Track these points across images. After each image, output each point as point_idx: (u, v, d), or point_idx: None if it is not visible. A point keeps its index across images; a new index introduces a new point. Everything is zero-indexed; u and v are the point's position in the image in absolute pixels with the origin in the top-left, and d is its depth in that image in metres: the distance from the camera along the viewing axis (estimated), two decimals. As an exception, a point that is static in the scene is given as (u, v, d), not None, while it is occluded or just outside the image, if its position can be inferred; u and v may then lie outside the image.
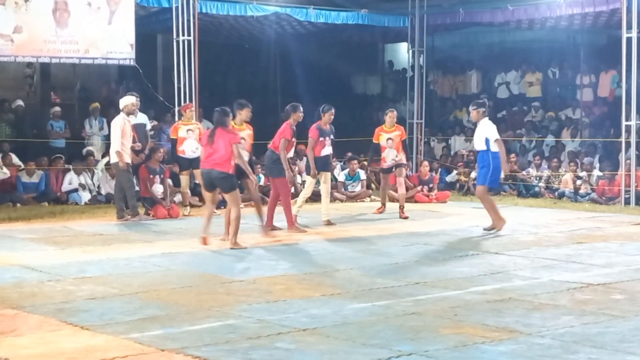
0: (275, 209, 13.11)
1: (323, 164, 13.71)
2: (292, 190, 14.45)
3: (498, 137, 13.04)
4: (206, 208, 11.83)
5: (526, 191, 19.04)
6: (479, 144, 13.17)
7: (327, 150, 13.71)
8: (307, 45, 22.54)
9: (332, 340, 6.69)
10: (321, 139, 13.56)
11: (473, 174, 19.50)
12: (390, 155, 15.20)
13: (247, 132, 12.75)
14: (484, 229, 13.05)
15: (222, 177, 11.14)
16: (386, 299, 8.20)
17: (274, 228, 12.88)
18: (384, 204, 15.70)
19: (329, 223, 13.85)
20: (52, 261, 10.31)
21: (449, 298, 8.29)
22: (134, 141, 14.65)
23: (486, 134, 12.98)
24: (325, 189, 14.05)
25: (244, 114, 12.60)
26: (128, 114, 14.51)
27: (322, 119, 13.69)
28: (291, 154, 13.53)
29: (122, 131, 14.25)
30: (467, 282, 9.12)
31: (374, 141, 15.49)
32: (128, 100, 14.59)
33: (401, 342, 6.59)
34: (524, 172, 19.61)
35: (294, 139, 13.09)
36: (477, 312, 7.65)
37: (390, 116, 15.37)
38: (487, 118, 13.38)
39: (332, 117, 13.70)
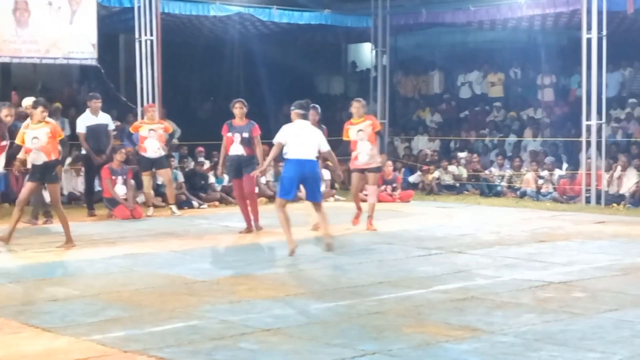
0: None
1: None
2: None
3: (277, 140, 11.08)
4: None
5: (489, 190, 19.18)
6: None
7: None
8: (271, 45, 22.53)
9: (296, 340, 6.68)
10: (229, 134, 13.06)
11: (436, 174, 19.62)
12: (364, 150, 13.08)
13: (40, 132, 11.45)
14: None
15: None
16: (350, 298, 8.21)
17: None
18: (360, 208, 13.56)
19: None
20: (12, 263, 10.23)
21: (412, 297, 8.32)
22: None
23: None
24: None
25: (39, 113, 11.53)
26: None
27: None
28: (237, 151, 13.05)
29: None
30: (430, 281, 9.15)
31: (344, 139, 13.40)
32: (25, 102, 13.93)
33: (365, 342, 6.61)
34: (486, 172, 19.74)
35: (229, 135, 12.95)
36: (440, 311, 7.68)
37: (356, 106, 13.25)
38: (302, 121, 11.14)
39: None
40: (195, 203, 16.78)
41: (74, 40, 16.48)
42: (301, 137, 10.82)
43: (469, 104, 23.42)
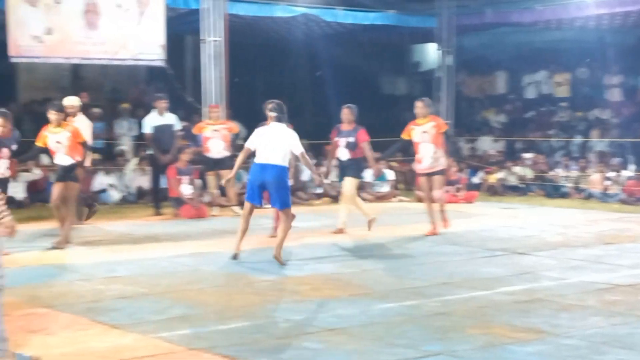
0: None
1: None
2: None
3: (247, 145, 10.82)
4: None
5: (554, 191, 18.97)
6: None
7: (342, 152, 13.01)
8: (335, 46, 22.57)
9: (359, 340, 6.71)
10: (336, 138, 13.08)
11: (501, 174, 19.47)
12: (428, 153, 12.56)
13: (62, 136, 11.48)
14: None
15: None
16: (413, 299, 8.21)
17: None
18: (434, 223, 12.92)
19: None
20: (81, 261, 10.42)
21: (476, 298, 8.29)
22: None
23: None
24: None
25: (55, 117, 11.51)
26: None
27: None
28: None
29: None
30: (495, 282, 9.11)
31: (403, 137, 12.91)
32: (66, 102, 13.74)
33: (429, 342, 6.61)
34: (552, 173, 19.53)
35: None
36: (505, 313, 7.64)
37: (419, 106, 12.68)
38: (278, 124, 10.72)
39: (349, 116, 12.98)
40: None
41: (142, 42, 16.72)
42: (268, 141, 10.43)
43: (535, 104, 23.21)
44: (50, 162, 16.37)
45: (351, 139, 12.90)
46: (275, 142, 10.40)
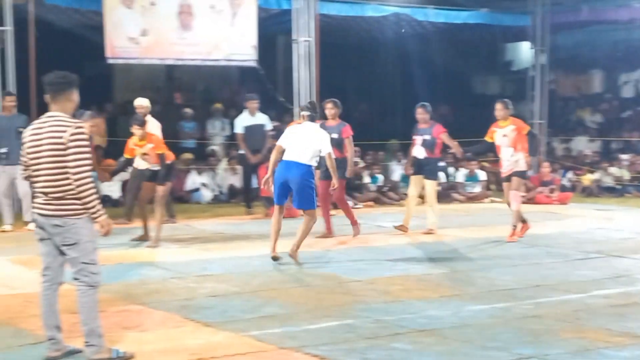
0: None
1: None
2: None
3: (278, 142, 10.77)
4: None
5: (652, 193, 18.53)
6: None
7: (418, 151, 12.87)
8: (426, 45, 22.43)
9: (450, 341, 6.66)
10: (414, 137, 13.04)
11: (596, 175, 19.10)
12: (506, 156, 12.27)
13: (148, 147, 11.64)
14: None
15: None
16: (506, 301, 8.12)
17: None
18: (523, 221, 12.51)
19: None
20: (175, 259, 10.58)
21: (570, 301, 8.16)
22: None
23: None
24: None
25: (140, 131, 11.62)
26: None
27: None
28: None
29: None
30: (590, 285, 8.94)
31: (486, 139, 12.55)
32: (135, 103, 14.29)
33: (521, 345, 6.52)
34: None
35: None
36: (600, 316, 7.50)
37: (498, 108, 12.43)
38: (311, 123, 10.68)
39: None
40: (350, 202, 16.88)
41: (235, 42, 16.89)
42: (297, 139, 10.36)
43: (632, 104, 22.69)
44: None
45: (427, 137, 12.88)
46: (304, 141, 10.33)
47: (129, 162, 11.99)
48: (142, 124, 11.74)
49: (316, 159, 10.42)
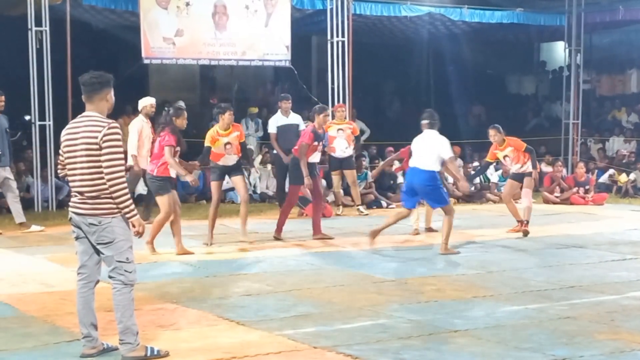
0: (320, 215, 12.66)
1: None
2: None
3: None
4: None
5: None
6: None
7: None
8: (461, 45, 22.38)
9: (484, 342, 6.65)
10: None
11: (632, 176, 18.94)
12: (514, 169, 13.11)
13: (234, 135, 11.65)
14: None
15: (148, 178, 10.85)
16: (540, 302, 8.08)
17: (324, 236, 12.37)
18: (520, 221, 13.15)
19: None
20: (209, 258, 10.64)
21: (605, 303, 8.10)
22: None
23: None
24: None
25: (227, 118, 11.58)
26: (147, 115, 14.01)
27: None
28: (317, 158, 12.85)
29: (139, 134, 13.76)
30: (625, 286, 8.88)
31: (487, 160, 13.46)
32: (147, 102, 14.16)
33: (555, 347, 6.49)
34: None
35: (315, 143, 12.31)
36: (635, 318, 7.44)
37: (492, 134, 12.93)
38: (430, 131, 11.39)
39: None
40: (383, 203, 16.89)
41: (269, 43, 16.95)
42: (419, 147, 11.19)
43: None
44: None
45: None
46: (425, 148, 11.12)
47: (210, 151, 11.66)
48: (229, 110, 11.69)
49: (440, 164, 11.13)
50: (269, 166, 17.53)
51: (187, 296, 8.31)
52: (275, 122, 15.50)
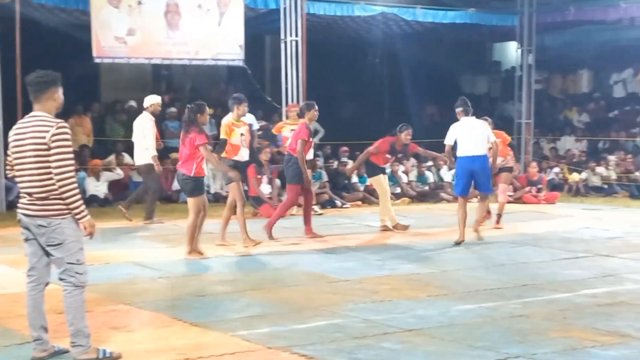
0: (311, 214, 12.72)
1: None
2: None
3: (448, 143, 11.93)
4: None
5: (638, 192, 18.56)
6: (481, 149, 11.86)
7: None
8: (414, 44, 22.45)
9: (438, 341, 6.66)
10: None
11: (583, 175, 19.14)
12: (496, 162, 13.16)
13: (246, 127, 11.93)
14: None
15: (183, 179, 10.56)
16: (493, 300, 8.12)
17: (315, 235, 12.41)
18: (488, 212, 13.58)
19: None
20: (163, 258, 10.55)
21: (558, 301, 8.17)
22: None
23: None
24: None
25: (242, 109, 11.71)
26: (153, 113, 14.04)
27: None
28: (310, 155, 12.88)
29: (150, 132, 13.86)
30: (577, 284, 8.95)
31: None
32: (154, 100, 14.16)
33: (509, 345, 6.52)
34: (636, 173, 19.12)
35: (311, 139, 12.55)
36: (587, 316, 7.51)
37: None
38: (469, 117, 12.09)
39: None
40: (338, 202, 16.90)
41: (222, 42, 16.88)
42: (468, 134, 11.68)
43: (620, 104, 22.77)
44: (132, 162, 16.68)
45: None
46: (477, 134, 11.72)
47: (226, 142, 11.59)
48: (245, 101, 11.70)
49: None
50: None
51: (140, 297, 8.22)
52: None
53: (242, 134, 11.57)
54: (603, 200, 18.20)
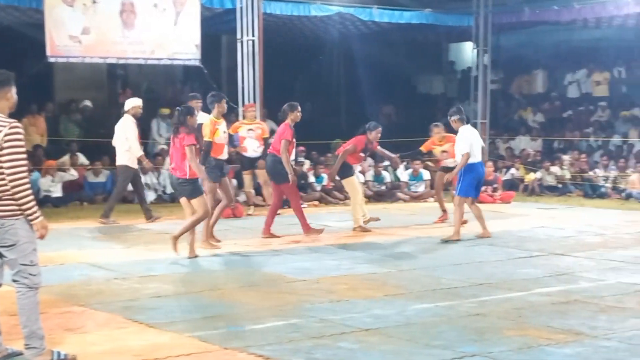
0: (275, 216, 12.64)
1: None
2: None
3: (466, 150, 12.11)
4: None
5: (592, 192, 18.78)
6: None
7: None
8: (371, 45, 22.52)
9: (395, 340, 6.68)
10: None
11: (538, 174, 19.32)
12: (448, 164, 13.81)
13: (225, 123, 12.07)
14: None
15: (180, 183, 10.47)
16: (450, 299, 8.16)
17: (272, 236, 12.41)
18: (445, 210, 14.30)
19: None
20: (118, 259, 10.47)
21: (513, 299, 8.23)
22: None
23: (457, 144, 12.37)
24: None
25: (222, 106, 11.85)
26: (134, 115, 14.18)
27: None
28: (292, 155, 12.99)
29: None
30: (532, 283, 9.03)
31: (423, 149, 14.46)
32: (135, 102, 14.33)
33: (465, 344, 6.56)
34: (590, 173, 19.34)
35: (294, 140, 12.64)
36: (542, 314, 7.57)
37: (436, 131, 14.10)
38: (466, 125, 12.41)
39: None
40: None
41: (178, 41, 16.79)
42: (476, 141, 12.29)
43: (573, 104, 23.02)
44: (89, 162, 16.56)
45: None
46: (480, 142, 12.49)
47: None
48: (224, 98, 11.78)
49: None
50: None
51: (95, 299, 8.15)
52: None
53: (224, 132, 11.60)
54: (557, 199, 18.38)
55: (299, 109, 12.64)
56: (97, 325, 7.16)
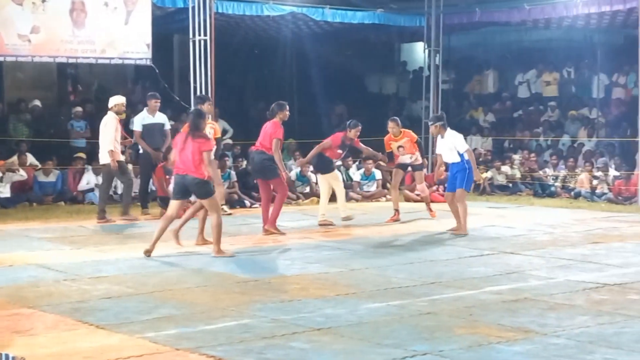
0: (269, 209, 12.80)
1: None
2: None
3: (467, 147, 13.11)
4: (163, 219, 10.94)
5: (542, 191, 19.00)
6: (449, 157, 12.95)
7: None
8: (323, 44, 22.55)
9: (346, 339, 6.69)
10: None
11: (489, 174, 19.48)
12: (405, 160, 14.65)
13: (209, 125, 12.13)
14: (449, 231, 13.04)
15: (197, 183, 10.50)
16: (401, 298, 8.19)
17: (277, 231, 12.64)
18: (397, 210, 14.65)
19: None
20: (68, 260, 10.36)
21: (464, 298, 8.28)
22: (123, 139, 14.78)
23: (456, 145, 12.87)
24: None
25: (205, 108, 12.13)
26: (117, 113, 14.34)
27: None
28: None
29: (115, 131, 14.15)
30: (483, 281, 9.10)
31: (387, 150, 14.70)
32: (118, 100, 14.48)
33: (416, 342, 6.59)
34: (540, 172, 19.55)
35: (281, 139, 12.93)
36: (493, 312, 7.63)
37: (392, 126, 14.49)
38: (449, 130, 13.14)
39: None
40: (247, 202, 16.86)
41: (129, 41, 16.66)
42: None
43: (524, 104, 23.24)
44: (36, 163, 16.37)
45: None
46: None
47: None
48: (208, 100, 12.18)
49: None
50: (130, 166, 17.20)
51: (44, 300, 8.06)
52: (141, 119, 15.31)
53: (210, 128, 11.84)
54: (508, 198, 18.56)
55: (287, 107, 12.90)
56: (46, 327, 7.08)
